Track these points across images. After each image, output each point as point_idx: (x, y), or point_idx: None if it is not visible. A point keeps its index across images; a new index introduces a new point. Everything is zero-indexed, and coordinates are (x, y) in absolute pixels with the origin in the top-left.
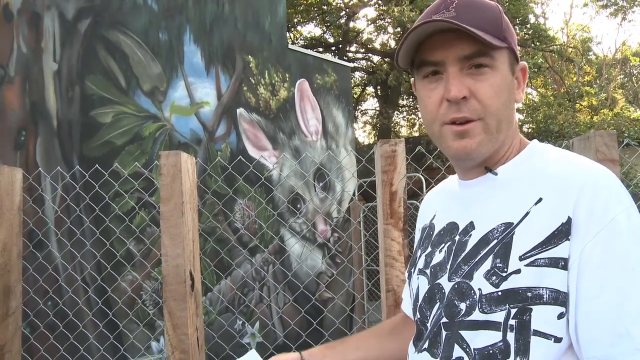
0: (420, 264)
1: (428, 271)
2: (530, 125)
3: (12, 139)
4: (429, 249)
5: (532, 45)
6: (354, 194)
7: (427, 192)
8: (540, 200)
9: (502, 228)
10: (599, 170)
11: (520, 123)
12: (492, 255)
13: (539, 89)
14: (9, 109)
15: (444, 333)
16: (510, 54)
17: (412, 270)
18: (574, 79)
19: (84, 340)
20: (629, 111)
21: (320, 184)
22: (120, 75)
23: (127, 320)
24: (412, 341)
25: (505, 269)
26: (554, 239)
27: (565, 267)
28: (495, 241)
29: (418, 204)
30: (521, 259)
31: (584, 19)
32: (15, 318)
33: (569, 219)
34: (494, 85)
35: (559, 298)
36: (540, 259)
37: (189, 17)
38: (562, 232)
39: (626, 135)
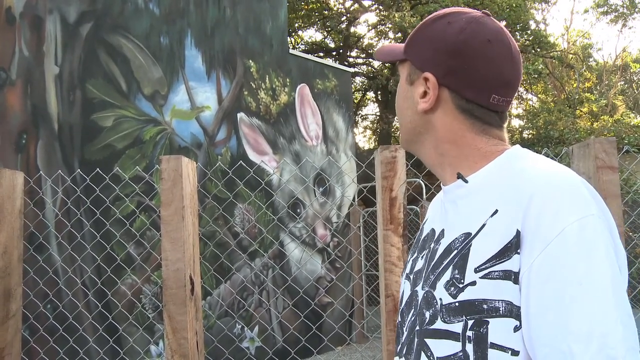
0: (407, 268)
1: (411, 277)
2: (531, 132)
3: (14, 142)
4: (415, 254)
5: (533, 51)
6: (353, 199)
7: (426, 197)
8: (496, 212)
9: (462, 238)
10: (553, 179)
11: (520, 129)
12: (452, 266)
13: (539, 95)
14: (11, 112)
15: (415, 340)
16: (410, 65)
17: (402, 273)
18: (574, 85)
19: (84, 343)
20: (629, 117)
21: (320, 188)
22: (122, 79)
23: (126, 324)
24: (395, 342)
25: (462, 280)
26: (506, 252)
27: (516, 281)
28: (456, 251)
29: (418, 209)
30: (476, 270)
31: (584, 25)
32: (16, 321)
33: (518, 232)
34: (397, 93)
35: (514, 311)
36: (495, 271)
37: (190, 22)
38: (513, 245)
39: (626, 142)
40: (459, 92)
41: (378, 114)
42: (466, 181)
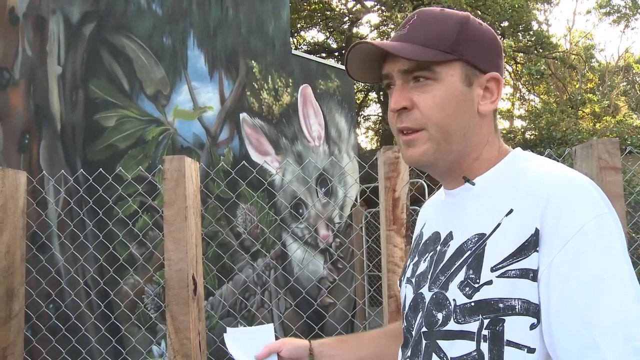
0: (408, 272)
1: (413, 280)
2: (533, 132)
3: (16, 142)
4: (416, 258)
5: (535, 52)
6: (356, 200)
7: (428, 198)
8: (511, 211)
9: (476, 239)
10: (568, 180)
11: (522, 130)
12: (465, 267)
13: (541, 96)
14: (14, 111)
15: (424, 342)
16: (465, 66)
17: (402, 278)
18: (577, 86)
19: (86, 343)
20: (632, 118)
21: (323, 189)
22: (124, 79)
23: (128, 324)
24: (400, 347)
25: (478, 280)
26: (523, 250)
27: (534, 279)
28: (469, 252)
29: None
30: (493, 270)
31: (587, 26)
32: (18, 320)
33: (537, 231)
34: (436, 97)
35: (530, 309)
36: (511, 270)
37: (192, 22)
38: (531, 244)
39: (629, 142)
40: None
41: (380, 114)
42: (473, 184)
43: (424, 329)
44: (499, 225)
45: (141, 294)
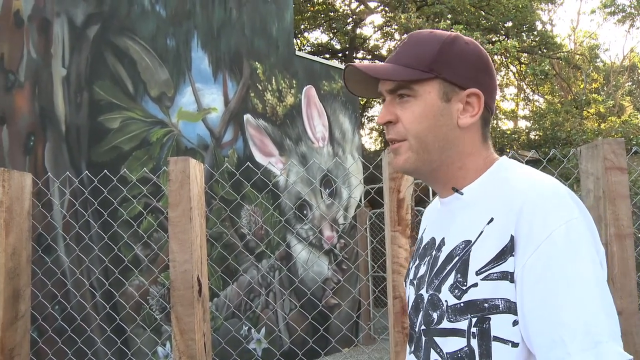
0: (411, 275)
1: (415, 282)
2: (538, 133)
3: (22, 144)
4: (417, 262)
5: (539, 52)
6: (360, 201)
7: (432, 199)
8: (492, 219)
9: (463, 245)
10: (540, 187)
11: (527, 130)
12: (454, 271)
13: (546, 96)
14: (19, 113)
15: (423, 338)
16: (443, 84)
17: (406, 280)
18: (581, 86)
19: (91, 344)
20: (637, 119)
21: (327, 190)
22: (128, 81)
23: (134, 325)
24: (407, 342)
25: (465, 283)
26: (502, 255)
27: (512, 281)
28: (457, 257)
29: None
30: (477, 273)
31: (591, 26)
32: (24, 322)
33: (512, 237)
34: (415, 112)
35: (512, 307)
36: (493, 273)
37: (196, 23)
38: (508, 249)
39: (634, 142)
40: (488, 105)
41: None
42: (462, 194)
43: (423, 327)
44: (481, 233)
45: (146, 295)
